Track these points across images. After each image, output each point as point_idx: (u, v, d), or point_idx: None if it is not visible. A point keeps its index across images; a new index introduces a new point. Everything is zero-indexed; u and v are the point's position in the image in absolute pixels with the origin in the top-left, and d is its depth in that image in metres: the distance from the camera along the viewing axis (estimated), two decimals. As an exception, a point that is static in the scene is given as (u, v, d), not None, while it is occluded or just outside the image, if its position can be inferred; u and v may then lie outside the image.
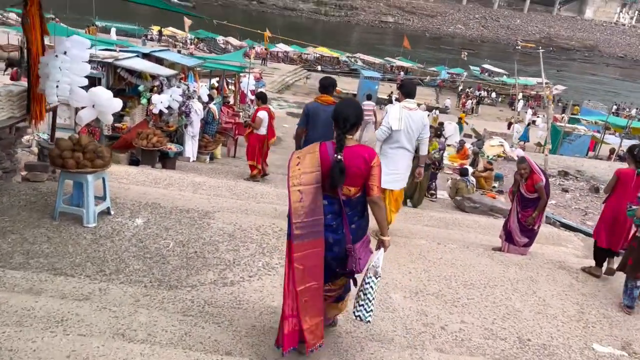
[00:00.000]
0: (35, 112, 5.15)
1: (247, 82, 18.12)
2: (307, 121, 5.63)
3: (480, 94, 45.33)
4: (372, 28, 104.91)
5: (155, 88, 8.59)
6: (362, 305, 3.10)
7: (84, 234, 4.58)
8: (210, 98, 11.49)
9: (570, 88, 54.54)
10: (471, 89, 46.04)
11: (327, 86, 5.69)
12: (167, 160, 9.11)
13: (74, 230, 4.62)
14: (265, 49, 47.37)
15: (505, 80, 53.90)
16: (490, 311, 4.30)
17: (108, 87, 8.41)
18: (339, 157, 2.89)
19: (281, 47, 52.00)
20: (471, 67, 55.53)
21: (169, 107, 8.88)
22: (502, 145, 17.12)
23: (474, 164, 14.93)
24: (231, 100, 19.01)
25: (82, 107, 5.78)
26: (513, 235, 5.95)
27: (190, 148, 10.53)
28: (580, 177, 15.87)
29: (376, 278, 3.08)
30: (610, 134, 26.03)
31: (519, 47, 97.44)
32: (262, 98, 9.12)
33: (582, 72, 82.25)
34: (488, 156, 16.02)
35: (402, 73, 50.29)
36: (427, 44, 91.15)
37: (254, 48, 47.69)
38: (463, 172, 10.32)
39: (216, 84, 16.27)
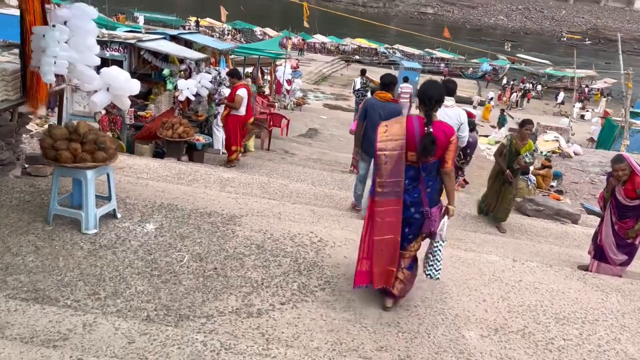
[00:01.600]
0: (33, 95, 4.35)
1: (284, 71, 17.21)
2: (365, 116, 5.70)
3: (525, 86, 43.25)
4: (411, 19, 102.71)
5: (182, 73, 7.75)
6: (432, 264, 3.55)
7: (80, 242, 3.74)
8: (243, 86, 10.64)
9: (620, 81, 51.57)
10: (515, 81, 44.01)
11: (387, 84, 5.81)
12: (194, 153, 8.29)
13: (69, 238, 3.78)
14: (302, 40, 46.51)
15: (552, 72, 51.78)
16: (596, 359, 3.26)
17: (131, 71, 7.63)
18: (430, 129, 3.24)
19: (318, 38, 50.99)
20: (500, 57, 53.23)
21: (197, 95, 8.03)
22: (557, 140, 15.71)
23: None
24: (266, 90, 18.20)
25: (96, 91, 5.01)
26: (606, 252, 4.84)
27: (220, 139, 9.68)
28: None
29: (443, 242, 3.50)
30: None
31: (565, 39, 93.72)
32: (236, 74, 8.07)
33: (632, 65, 78.33)
34: (542, 152, 14.65)
35: (442, 65, 48.59)
36: (467, 35, 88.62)
37: (290, 39, 46.90)
38: (524, 170, 9.12)
39: (250, 73, 15.44)
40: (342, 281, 3.69)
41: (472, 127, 9.95)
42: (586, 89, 46.09)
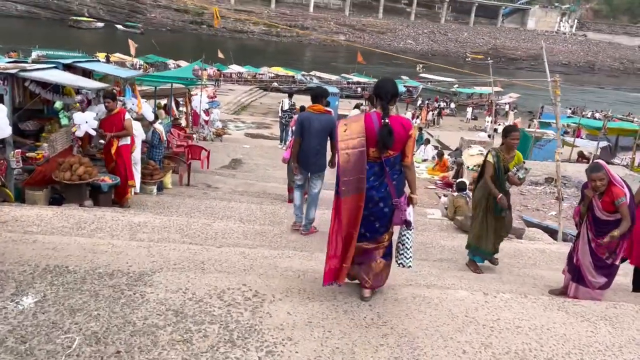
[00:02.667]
0: None
1: (200, 101, 16.23)
2: (302, 130, 5.67)
3: (439, 105, 44.86)
4: (324, 47, 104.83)
5: (78, 105, 6.67)
6: (402, 253, 3.67)
7: None
8: (156, 117, 9.61)
9: (524, 95, 55.32)
10: (430, 101, 45.59)
11: (317, 96, 5.82)
12: (100, 196, 7.16)
13: None
14: (218, 70, 45.66)
15: (460, 90, 54.39)
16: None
17: (15, 106, 6.48)
18: (387, 120, 3.35)
19: (234, 69, 50.27)
20: (403, 77, 55.64)
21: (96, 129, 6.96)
22: (481, 153, 15.81)
23: (457, 175, 13.51)
24: (183, 122, 17.09)
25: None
26: (584, 274, 4.32)
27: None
28: (568, 183, 14.72)
29: (410, 230, 3.64)
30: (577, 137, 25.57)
31: (469, 59, 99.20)
32: (111, 96, 6.88)
33: (530, 80, 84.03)
34: (468, 167, 14.65)
35: (359, 89, 49.38)
36: (379, 59, 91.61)
37: (205, 70, 45.82)
38: (461, 187, 8.77)
39: (163, 105, 14.35)
40: (289, 347, 2.87)
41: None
42: (495, 105, 48.49)
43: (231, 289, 3.45)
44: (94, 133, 6.64)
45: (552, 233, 8.45)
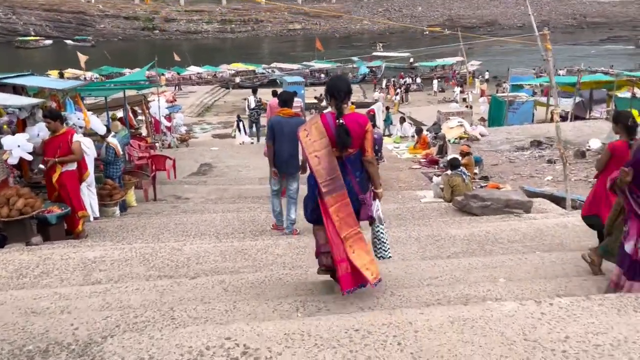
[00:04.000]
0: None
1: (159, 106, 15.09)
2: (274, 134, 5.76)
3: (405, 81, 44.33)
4: (281, 37, 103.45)
5: (7, 127, 5.61)
6: (380, 247, 3.73)
7: None
8: (108, 130, 8.54)
9: (485, 62, 55.42)
10: (395, 79, 45.06)
11: (286, 100, 5.98)
12: (49, 229, 6.14)
13: None
14: (176, 74, 44.21)
15: (425, 64, 54.15)
16: None
17: None
18: (341, 121, 3.40)
19: (193, 70, 48.73)
20: (353, 59, 55.17)
21: (34, 152, 5.90)
22: (462, 125, 15.16)
23: (442, 151, 12.78)
24: (143, 131, 15.95)
25: None
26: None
27: (87, 202, 7.57)
28: (554, 143, 14.11)
29: (382, 224, 3.74)
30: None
31: (427, 33, 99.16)
32: (55, 115, 5.92)
33: (489, 46, 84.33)
34: (450, 140, 13.95)
35: (322, 75, 48.41)
36: (338, 43, 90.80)
37: (163, 75, 44.25)
38: (454, 163, 7.96)
39: (118, 116, 13.21)
40: None
41: (373, 123, 10.68)
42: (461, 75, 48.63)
43: (211, 347, 2.54)
44: (29, 158, 5.61)
45: (558, 201, 7.75)
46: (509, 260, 4.38)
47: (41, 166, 5.70)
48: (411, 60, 56.69)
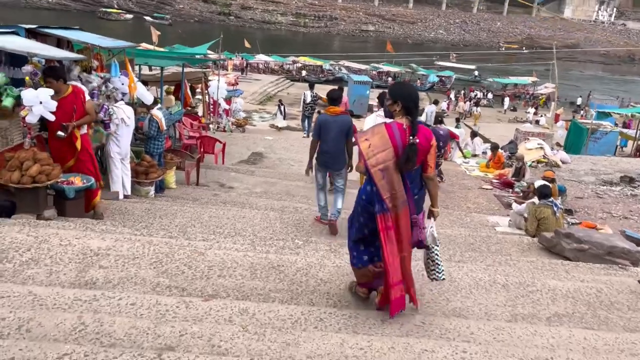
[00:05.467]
0: None
1: (217, 87, 14.35)
2: (320, 132, 5.80)
3: (476, 94, 42.37)
4: (353, 37, 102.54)
5: (28, 79, 4.80)
6: (434, 269, 3.46)
7: None
8: (154, 101, 7.74)
9: (561, 86, 52.38)
10: (465, 91, 43.17)
11: (335, 98, 5.94)
12: (67, 204, 5.34)
13: None
14: (243, 59, 44.06)
15: (497, 80, 52.02)
16: None
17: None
18: (416, 140, 3.10)
19: (261, 58, 48.47)
20: (413, 66, 53.41)
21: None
22: (541, 147, 13.58)
23: (518, 174, 11.32)
24: (199, 111, 15.30)
25: None
26: None
27: (120, 177, 6.78)
28: (643, 182, 12.33)
29: (437, 245, 3.42)
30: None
31: (503, 49, 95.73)
32: (57, 74, 5.02)
33: (568, 70, 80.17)
34: (527, 162, 12.43)
35: (390, 78, 47.03)
36: (410, 49, 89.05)
37: (231, 60, 44.16)
38: (544, 192, 6.57)
39: (172, 88, 12.53)
40: None
41: (440, 120, 11.02)
42: (531, 94, 46.53)
43: None
44: (51, 118, 4.80)
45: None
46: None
47: (60, 133, 4.88)
48: (475, 73, 54.81)
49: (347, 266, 4.04)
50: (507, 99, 41.02)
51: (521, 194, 9.91)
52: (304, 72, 46.05)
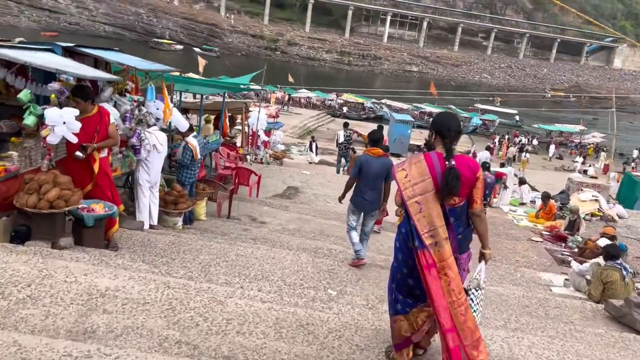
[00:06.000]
0: None
1: (257, 118, 14.14)
2: (360, 171, 5.77)
3: (520, 140, 41.32)
4: (397, 77, 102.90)
5: (55, 98, 4.52)
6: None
7: None
8: (190, 128, 7.45)
9: (609, 137, 50.71)
10: (509, 136, 42.19)
11: (376, 140, 5.95)
12: (85, 232, 4.97)
13: None
14: (286, 93, 44.49)
15: (543, 127, 50.97)
16: None
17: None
18: (453, 162, 2.84)
19: (303, 93, 48.89)
20: (452, 107, 52.74)
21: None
22: (596, 199, 12.67)
23: (572, 227, 10.46)
24: (238, 142, 15.10)
25: None
26: None
27: (147, 206, 6.42)
28: None
29: (477, 290, 3.02)
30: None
31: (549, 96, 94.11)
32: (84, 93, 4.74)
33: (618, 120, 78.01)
34: (584, 215, 11.53)
35: (431, 119, 46.40)
36: (453, 91, 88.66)
37: (274, 93, 44.67)
38: (612, 253, 5.83)
39: (212, 117, 12.34)
40: None
41: (487, 167, 10.93)
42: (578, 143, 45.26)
43: None
44: (73, 140, 4.48)
45: None
46: None
47: (78, 153, 4.55)
48: (517, 117, 53.96)
49: (388, 330, 3.46)
50: (552, 146, 39.83)
51: (576, 250, 9.08)
52: (345, 109, 46.12)
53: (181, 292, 3.55)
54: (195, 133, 7.41)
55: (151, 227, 6.55)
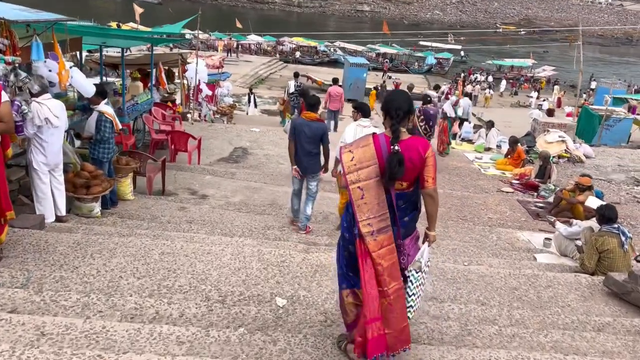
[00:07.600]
0: None
1: (195, 70, 12.57)
2: (295, 134, 5.87)
3: (476, 77, 40.72)
4: (349, 18, 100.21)
5: None
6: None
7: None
8: (102, 94, 6.04)
9: (559, 69, 50.96)
10: (464, 74, 41.55)
11: (313, 104, 6.04)
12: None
13: None
14: (232, 39, 42.04)
15: (493, 62, 50.92)
16: None
17: None
18: (397, 147, 2.70)
19: (253, 39, 46.41)
20: (395, 46, 51.90)
21: None
22: (563, 140, 11.99)
23: (543, 174, 9.71)
24: (177, 98, 13.55)
25: None
26: None
27: (47, 194, 5.13)
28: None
29: (417, 273, 2.86)
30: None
31: (500, 30, 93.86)
32: None
33: (565, 52, 78.58)
34: (552, 158, 10.80)
35: (387, 61, 45.17)
36: (405, 30, 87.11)
37: (221, 40, 42.11)
38: (608, 215, 4.94)
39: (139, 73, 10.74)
40: None
41: (429, 100, 10.50)
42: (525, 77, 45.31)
43: None
44: None
45: None
46: None
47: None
48: (462, 53, 53.78)
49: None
50: (503, 82, 39.52)
51: (551, 200, 8.32)
52: (297, 54, 44.17)
53: (53, 350, 2.41)
54: (106, 100, 6.00)
55: (58, 219, 5.30)
